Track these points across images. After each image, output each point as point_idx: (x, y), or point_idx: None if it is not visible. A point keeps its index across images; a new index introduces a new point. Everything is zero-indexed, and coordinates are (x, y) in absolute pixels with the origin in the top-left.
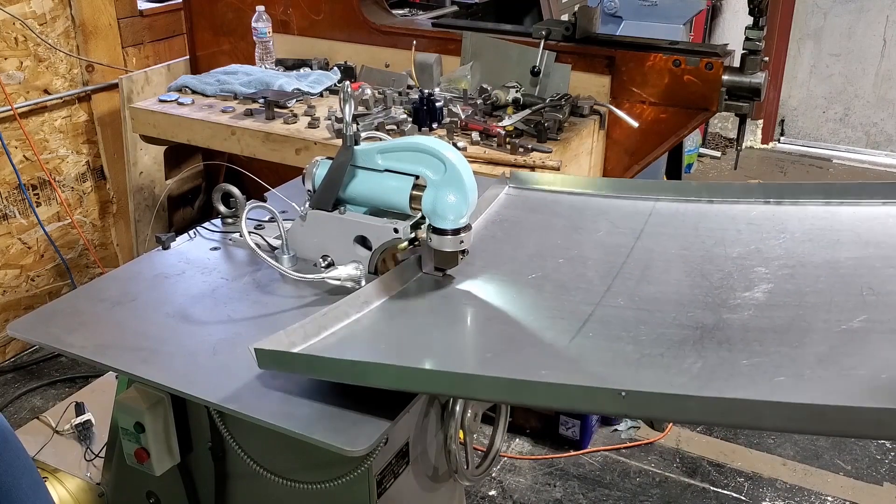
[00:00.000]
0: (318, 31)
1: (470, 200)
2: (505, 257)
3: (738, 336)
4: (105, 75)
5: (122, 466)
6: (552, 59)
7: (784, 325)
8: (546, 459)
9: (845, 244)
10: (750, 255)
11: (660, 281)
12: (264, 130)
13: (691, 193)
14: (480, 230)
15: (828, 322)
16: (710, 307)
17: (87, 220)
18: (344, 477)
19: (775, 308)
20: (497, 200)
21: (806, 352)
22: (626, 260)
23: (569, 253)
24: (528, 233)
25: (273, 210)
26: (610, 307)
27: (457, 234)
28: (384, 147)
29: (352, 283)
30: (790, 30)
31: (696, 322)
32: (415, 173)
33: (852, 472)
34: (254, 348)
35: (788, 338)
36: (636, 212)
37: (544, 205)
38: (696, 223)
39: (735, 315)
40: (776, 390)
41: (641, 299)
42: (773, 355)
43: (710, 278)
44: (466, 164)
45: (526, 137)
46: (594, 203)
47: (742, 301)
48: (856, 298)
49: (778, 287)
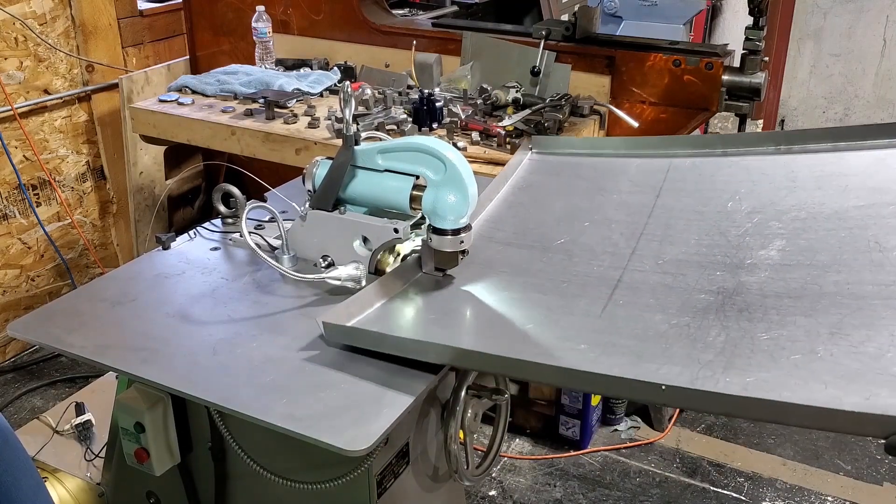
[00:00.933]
0: (318, 31)
1: (470, 201)
2: (533, 223)
3: (757, 302)
4: (105, 75)
5: (122, 466)
6: (552, 59)
7: (798, 289)
8: (546, 459)
9: (853, 190)
10: (764, 209)
11: (681, 241)
12: (264, 130)
13: (706, 146)
14: (508, 196)
15: (838, 284)
16: (729, 269)
17: (87, 220)
18: (344, 477)
19: (789, 269)
20: (521, 166)
21: (819, 322)
22: (648, 220)
23: (593, 216)
24: (554, 197)
25: (273, 210)
26: (637, 272)
27: (457, 234)
28: (384, 147)
29: (352, 283)
30: (790, 30)
31: (718, 286)
32: (415, 173)
33: (852, 472)
34: (322, 321)
35: (802, 305)
36: (655, 169)
37: (567, 168)
38: (711, 177)
39: (752, 277)
40: (793, 371)
41: (665, 262)
42: (789, 327)
43: (728, 236)
44: (467, 165)
45: (526, 137)
46: (614, 163)
47: (758, 261)
48: (864, 256)
49: (791, 243)
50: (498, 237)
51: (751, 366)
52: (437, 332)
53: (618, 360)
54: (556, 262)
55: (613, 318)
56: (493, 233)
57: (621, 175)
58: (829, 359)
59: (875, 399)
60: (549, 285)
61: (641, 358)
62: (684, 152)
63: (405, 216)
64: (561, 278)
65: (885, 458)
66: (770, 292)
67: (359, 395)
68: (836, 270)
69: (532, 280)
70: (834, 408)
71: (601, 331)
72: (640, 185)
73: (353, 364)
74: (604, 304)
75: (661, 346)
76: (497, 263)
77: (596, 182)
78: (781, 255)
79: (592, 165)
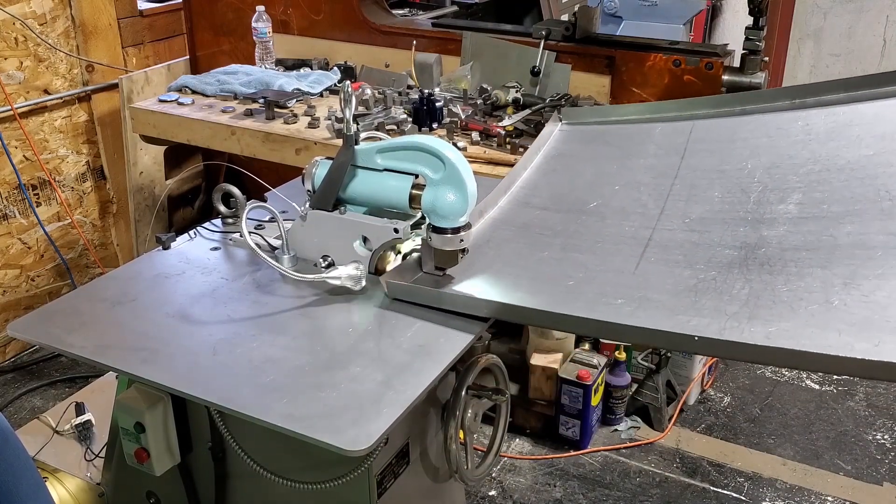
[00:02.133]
0: (318, 31)
1: (469, 199)
2: (566, 188)
3: (777, 256)
4: (105, 75)
5: (122, 466)
6: (552, 59)
7: (814, 242)
8: (546, 459)
9: (864, 139)
10: (782, 163)
11: (705, 199)
12: (264, 130)
13: (725, 104)
14: (541, 165)
15: (851, 235)
16: (751, 224)
17: (87, 220)
18: (344, 477)
19: (806, 221)
20: (553, 137)
21: (834, 273)
22: (675, 181)
23: (623, 179)
24: (585, 164)
25: (273, 210)
26: (665, 230)
27: (457, 232)
28: (384, 146)
29: (352, 283)
30: (790, 30)
31: (741, 242)
32: (414, 172)
33: (852, 472)
34: (385, 280)
35: (819, 257)
36: (678, 131)
37: (596, 136)
38: (732, 135)
39: (772, 231)
40: (810, 320)
41: (692, 221)
42: (806, 278)
43: (749, 192)
44: (466, 163)
45: (526, 137)
46: (640, 129)
47: (777, 215)
48: (874, 206)
49: (807, 197)
50: (534, 202)
51: (772, 316)
52: (486, 288)
53: (653, 314)
54: (590, 224)
55: (646, 274)
56: (530, 198)
57: (647, 139)
58: (842, 308)
59: (882, 346)
60: (585, 245)
61: (674, 311)
62: (705, 112)
63: (405, 216)
64: (595, 239)
65: (885, 458)
66: (789, 245)
67: (359, 395)
68: (850, 221)
69: (569, 241)
70: (844, 355)
71: (636, 286)
72: (666, 147)
73: (353, 364)
74: (636, 261)
75: (690, 299)
76: (535, 226)
77: (624, 147)
78: (799, 208)
79: (619, 132)
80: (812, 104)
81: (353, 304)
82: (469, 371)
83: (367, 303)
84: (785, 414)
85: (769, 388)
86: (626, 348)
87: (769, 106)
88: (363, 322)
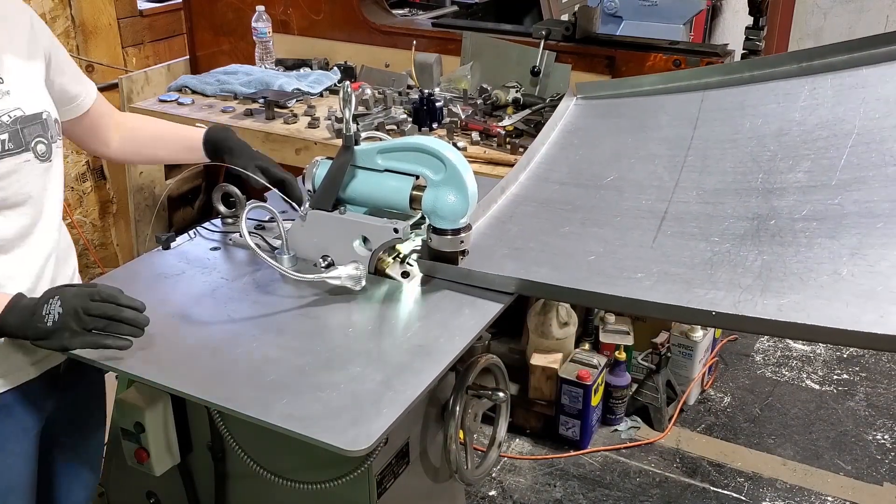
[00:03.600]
0: (318, 31)
1: (470, 200)
2: (584, 162)
3: (787, 227)
4: (105, 75)
5: (122, 466)
6: (552, 59)
7: (822, 211)
8: (546, 459)
9: (870, 102)
10: (790, 130)
11: (718, 170)
12: (264, 130)
13: (734, 72)
14: (558, 139)
15: (857, 203)
16: (762, 194)
17: (87, 220)
18: (344, 477)
19: (815, 190)
20: (568, 112)
21: (841, 244)
22: (688, 153)
23: (638, 152)
24: (601, 138)
25: (273, 210)
26: (681, 203)
27: (457, 234)
28: (384, 147)
29: (352, 283)
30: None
31: (753, 213)
32: (415, 173)
33: (852, 472)
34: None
35: (827, 227)
36: (690, 101)
37: (610, 109)
38: (742, 102)
39: (783, 202)
40: (819, 292)
41: (705, 192)
42: (815, 248)
43: (759, 161)
44: (466, 164)
45: (526, 137)
46: (653, 101)
47: (787, 185)
48: (880, 172)
49: (816, 164)
50: (553, 177)
51: (784, 288)
52: (513, 265)
53: (671, 287)
54: (608, 198)
55: (663, 247)
56: (549, 173)
57: (660, 111)
58: (850, 279)
59: (887, 317)
60: (604, 219)
61: (691, 284)
62: (715, 80)
63: (405, 216)
64: (614, 213)
65: (885, 458)
66: (798, 216)
67: (359, 395)
68: (857, 188)
69: (588, 216)
70: (851, 329)
71: (654, 260)
72: (678, 118)
73: (353, 364)
74: (654, 234)
75: (706, 272)
76: (555, 201)
77: (638, 120)
78: (808, 176)
79: (633, 104)
80: (819, 68)
81: (353, 304)
82: (469, 371)
83: (367, 303)
84: (785, 414)
85: (769, 388)
86: (626, 348)
87: (777, 71)
88: (363, 322)
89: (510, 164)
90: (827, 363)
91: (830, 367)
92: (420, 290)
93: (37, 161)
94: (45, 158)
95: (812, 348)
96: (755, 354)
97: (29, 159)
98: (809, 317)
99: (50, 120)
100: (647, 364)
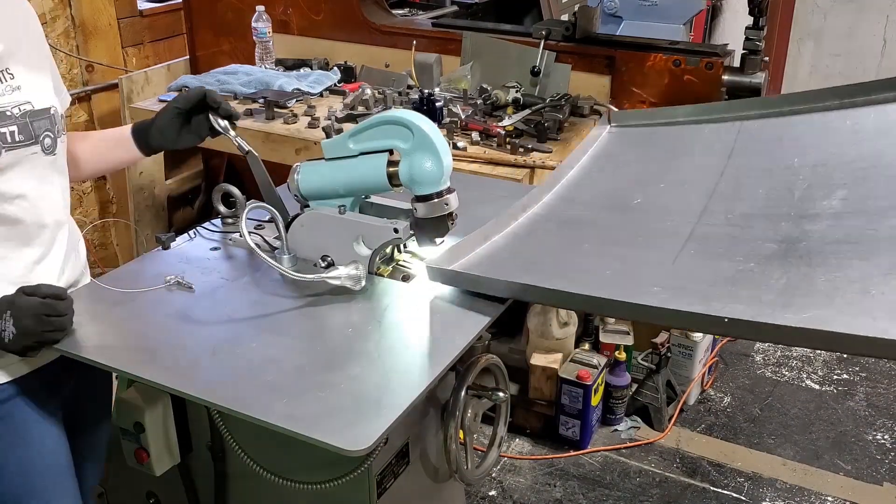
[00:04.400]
0: (318, 31)
1: (445, 161)
2: (612, 187)
3: (818, 249)
4: (105, 75)
5: (122, 466)
6: (552, 59)
7: (856, 235)
8: (546, 459)
9: None
10: (828, 161)
11: (750, 197)
12: (264, 130)
13: (773, 106)
14: (588, 164)
15: (894, 228)
16: (794, 219)
17: (86, 220)
18: (344, 477)
19: (850, 216)
20: (600, 140)
21: (874, 265)
22: (720, 179)
23: (668, 178)
24: (631, 164)
25: (273, 210)
26: (707, 225)
27: (440, 196)
28: (353, 130)
29: (352, 283)
30: (790, 30)
31: (783, 236)
32: (387, 148)
33: (852, 472)
34: (426, 265)
35: (860, 249)
36: (726, 132)
37: (644, 138)
38: (779, 135)
39: (815, 226)
40: (845, 308)
41: (734, 216)
42: (846, 269)
43: (794, 189)
44: (434, 127)
45: (526, 137)
46: (689, 130)
47: (821, 211)
48: None
49: (852, 192)
50: (578, 199)
51: (807, 304)
52: (526, 276)
53: (687, 300)
54: (632, 220)
55: (684, 266)
56: (574, 195)
57: (695, 140)
58: (880, 297)
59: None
60: (626, 239)
61: (708, 297)
62: (754, 114)
63: (405, 216)
64: (637, 233)
65: (885, 458)
66: (831, 239)
67: (359, 395)
68: (894, 215)
69: (609, 235)
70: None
71: (673, 276)
72: (713, 148)
73: (353, 364)
74: (675, 254)
75: (727, 289)
76: (577, 221)
77: (671, 148)
78: (843, 203)
79: (667, 133)
80: (861, 103)
81: (353, 304)
82: (469, 371)
83: (367, 303)
84: (785, 414)
85: (769, 388)
86: (626, 348)
87: (818, 106)
88: (363, 322)
89: (510, 164)
90: (827, 363)
91: (830, 367)
92: (420, 290)
93: (42, 154)
94: (49, 151)
95: None
96: (755, 354)
97: (36, 151)
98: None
99: (57, 115)
100: (647, 364)
